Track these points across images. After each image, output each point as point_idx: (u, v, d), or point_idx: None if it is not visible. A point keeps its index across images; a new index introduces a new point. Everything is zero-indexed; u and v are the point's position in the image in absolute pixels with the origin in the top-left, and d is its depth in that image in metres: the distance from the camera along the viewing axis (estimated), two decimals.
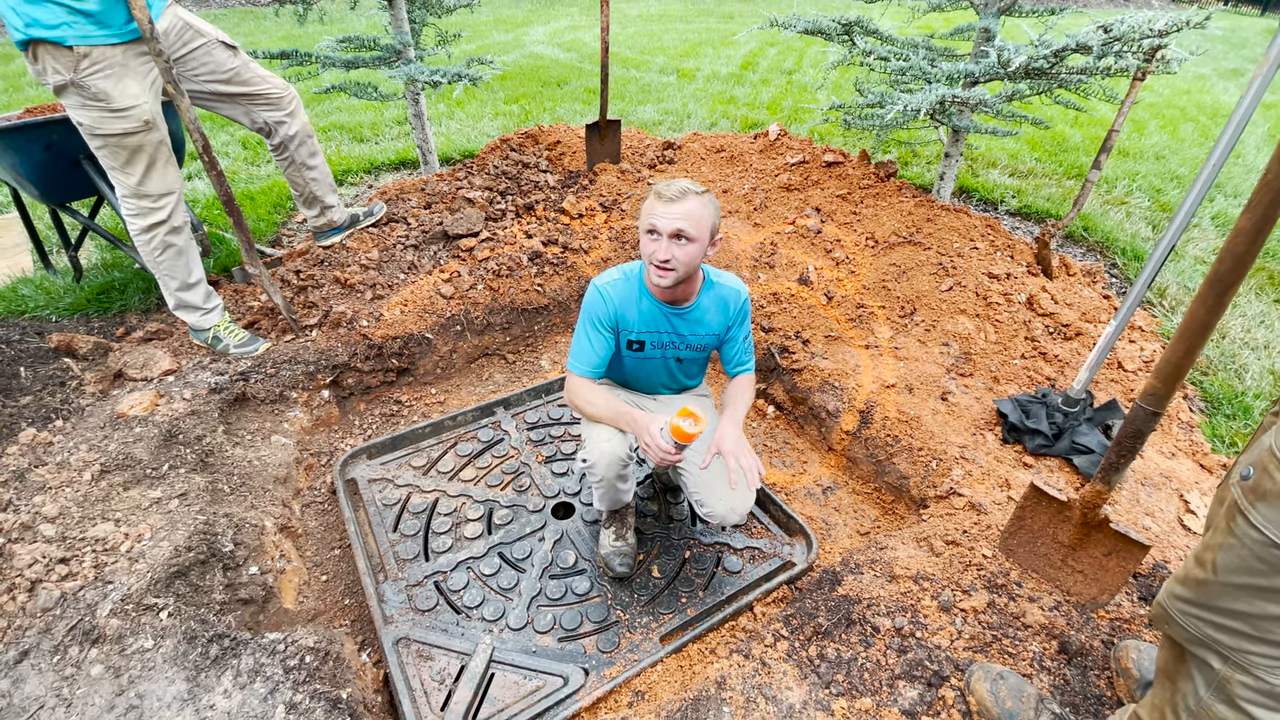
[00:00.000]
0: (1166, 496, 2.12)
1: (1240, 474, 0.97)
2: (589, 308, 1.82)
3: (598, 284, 1.82)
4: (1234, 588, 0.98)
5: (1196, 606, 1.03)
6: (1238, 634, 0.99)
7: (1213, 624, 1.01)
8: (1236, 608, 0.98)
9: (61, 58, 2.07)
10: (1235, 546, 0.96)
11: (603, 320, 1.80)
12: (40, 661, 1.49)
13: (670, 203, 1.61)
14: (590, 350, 1.82)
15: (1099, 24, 2.76)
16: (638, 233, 1.67)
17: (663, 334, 1.86)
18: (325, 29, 8.95)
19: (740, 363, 1.95)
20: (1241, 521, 0.95)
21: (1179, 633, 1.07)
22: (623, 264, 1.91)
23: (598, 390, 1.82)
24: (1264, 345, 2.98)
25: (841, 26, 3.37)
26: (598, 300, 1.79)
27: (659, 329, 1.85)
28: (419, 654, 1.81)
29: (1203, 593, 1.02)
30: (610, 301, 1.79)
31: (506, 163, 4.10)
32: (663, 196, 1.63)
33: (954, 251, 3.12)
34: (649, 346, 1.88)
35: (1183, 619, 1.06)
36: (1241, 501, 0.96)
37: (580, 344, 1.83)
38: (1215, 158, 1.67)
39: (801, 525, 2.19)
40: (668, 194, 1.62)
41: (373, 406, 2.78)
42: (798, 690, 1.55)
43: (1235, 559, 0.97)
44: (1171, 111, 6.52)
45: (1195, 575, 1.03)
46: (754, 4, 13.75)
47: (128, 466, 2.02)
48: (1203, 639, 1.03)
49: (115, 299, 3.03)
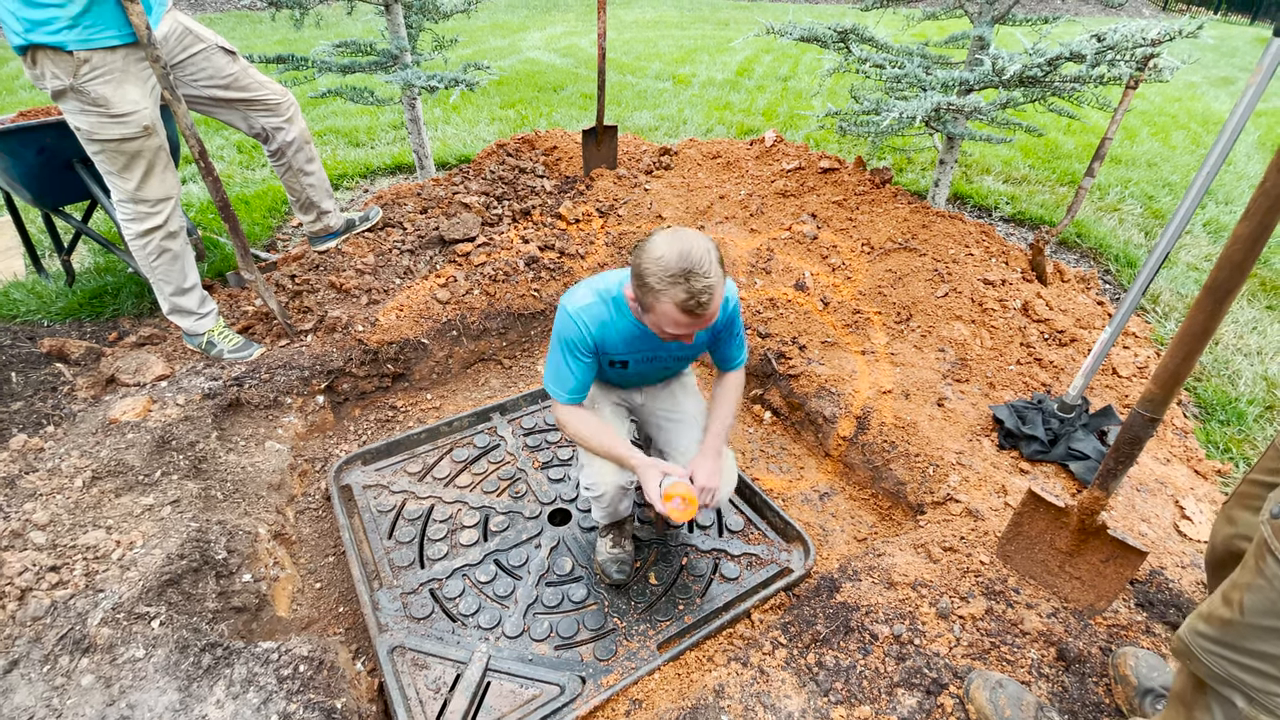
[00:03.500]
0: (1162, 502, 2.12)
1: (1271, 511, 0.94)
2: (563, 335, 1.67)
3: (570, 311, 1.65)
4: (1262, 630, 0.94)
5: (1222, 646, 1.00)
6: (1265, 676, 0.95)
7: (1238, 664, 0.98)
8: (1264, 649, 0.95)
9: (61, 63, 2.05)
10: (1264, 588, 0.93)
11: (581, 349, 1.67)
12: (30, 671, 1.46)
13: (700, 317, 1.43)
14: (571, 377, 1.69)
15: (1092, 33, 2.78)
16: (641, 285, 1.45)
17: (648, 351, 1.75)
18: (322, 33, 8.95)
19: (730, 360, 1.87)
20: (1272, 562, 0.92)
21: (1202, 670, 1.04)
22: (592, 279, 1.72)
23: (590, 421, 1.74)
24: (1257, 351, 3.00)
25: (837, 34, 3.39)
26: (572, 328, 1.65)
27: (643, 348, 1.74)
28: (414, 662, 1.80)
29: (1229, 632, 0.99)
30: (585, 329, 1.65)
31: (503, 168, 4.10)
32: (694, 312, 1.41)
33: (949, 258, 3.14)
34: (634, 364, 1.79)
35: (1206, 657, 1.02)
36: (1272, 541, 0.92)
37: (559, 370, 1.70)
38: (1209, 165, 1.68)
39: (799, 531, 2.18)
40: (700, 310, 1.41)
41: (368, 412, 2.77)
42: (796, 698, 1.54)
43: (1264, 600, 0.93)
44: (1163, 119, 6.58)
45: (1221, 614, 1.00)
46: (750, 11, 13.82)
47: (120, 473, 2.00)
48: (1228, 678, 1.00)
49: (108, 303, 3.01)
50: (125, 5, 2.02)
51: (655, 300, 1.43)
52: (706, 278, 1.39)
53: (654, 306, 1.45)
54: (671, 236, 1.43)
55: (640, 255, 1.44)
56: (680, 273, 1.38)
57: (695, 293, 1.39)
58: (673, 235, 1.43)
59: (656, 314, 1.46)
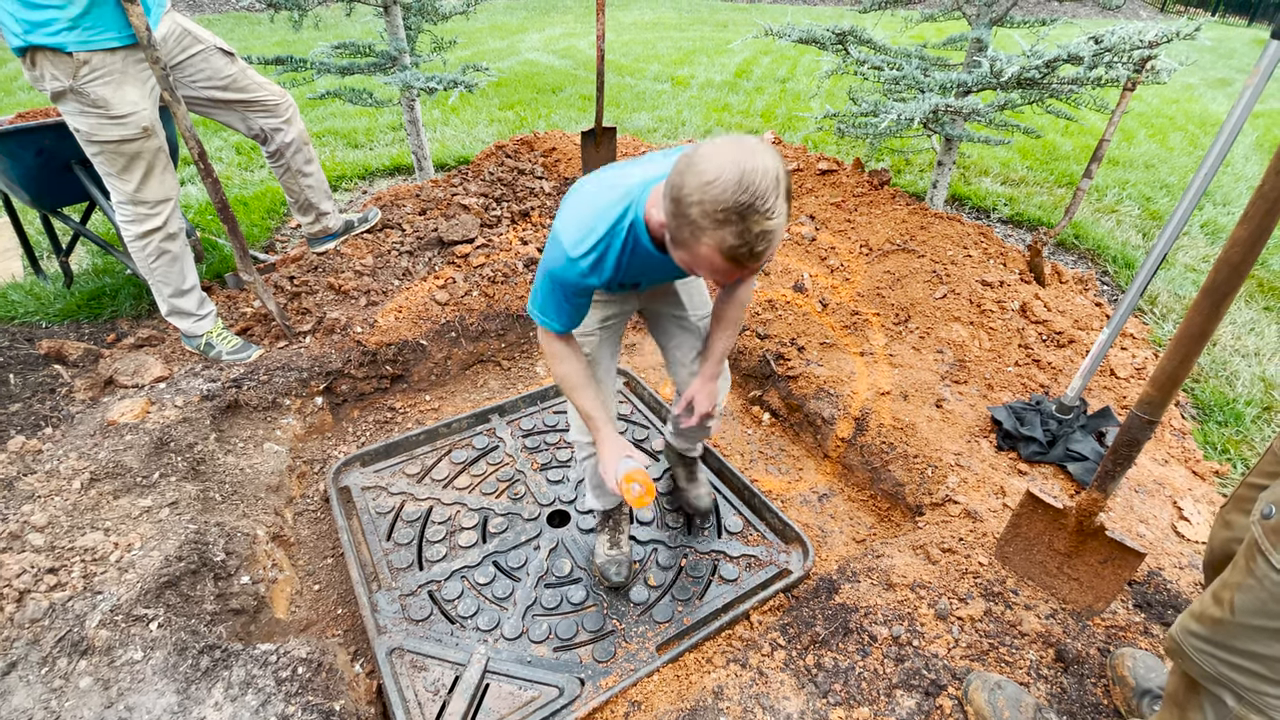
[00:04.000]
0: (1160, 503, 2.13)
1: (1261, 511, 0.94)
2: (554, 272, 1.37)
3: (567, 247, 1.33)
4: (1252, 629, 0.94)
5: (1212, 645, 1.00)
6: (1255, 675, 0.96)
7: (1229, 664, 0.98)
8: (1254, 649, 0.95)
9: (61, 64, 2.05)
10: (1254, 588, 0.93)
11: (576, 292, 1.41)
12: (28, 673, 1.46)
13: (748, 267, 1.13)
14: (561, 312, 1.45)
15: (1090, 35, 2.79)
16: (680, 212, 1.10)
17: (661, 270, 1.49)
18: (321, 35, 8.95)
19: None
20: (1262, 562, 0.92)
21: (1193, 669, 1.04)
22: (605, 175, 1.38)
23: (575, 369, 1.53)
24: (1254, 352, 3.00)
25: (835, 36, 3.39)
26: (573, 276, 1.36)
27: (656, 268, 1.46)
28: (413, 665, 1.80)
29: (1219, 632, 0.99)
30: (588, 277, 1.37)
31: (502, 169, 4.10)
32: (743, 261, 1.10)
33: (947, 259, 3.14)
34: (645, 283, 1.58)
35: (1197, 656, 1.02)
36: (1262, 541, 0.92)
37: (547, 301, 1.44)
38: (1207, 167, 1.68)
39: (798, 533, 2.18)
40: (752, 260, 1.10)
41: (366, 413, 2.77)
42: (795, 700, 1.54)
43: (1254, 600, 0.93)
44: (1160, 121, 6.59)
45: (1212, 613, 1.00)
46: (748, 13, 13.84)
47: (118, 475, 2.00)
48: (1218, 677, 1.00)
49: (106, 305, 3.01)
50: (125, 6, 2.02)
51: (694, 239, 1.09)
52: (769, 218, 1.03)
53: (691, 245, 1.10)
54: (732, 149, 1.03)
55: (684, 174, 1.06)
56: (736, 208, 1.02)
57: (750, 238, 1.04)
58: (734, 147, 1.04)
59: (692, 254, 1.12)
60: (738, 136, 1.07)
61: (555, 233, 1.36)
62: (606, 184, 1.35)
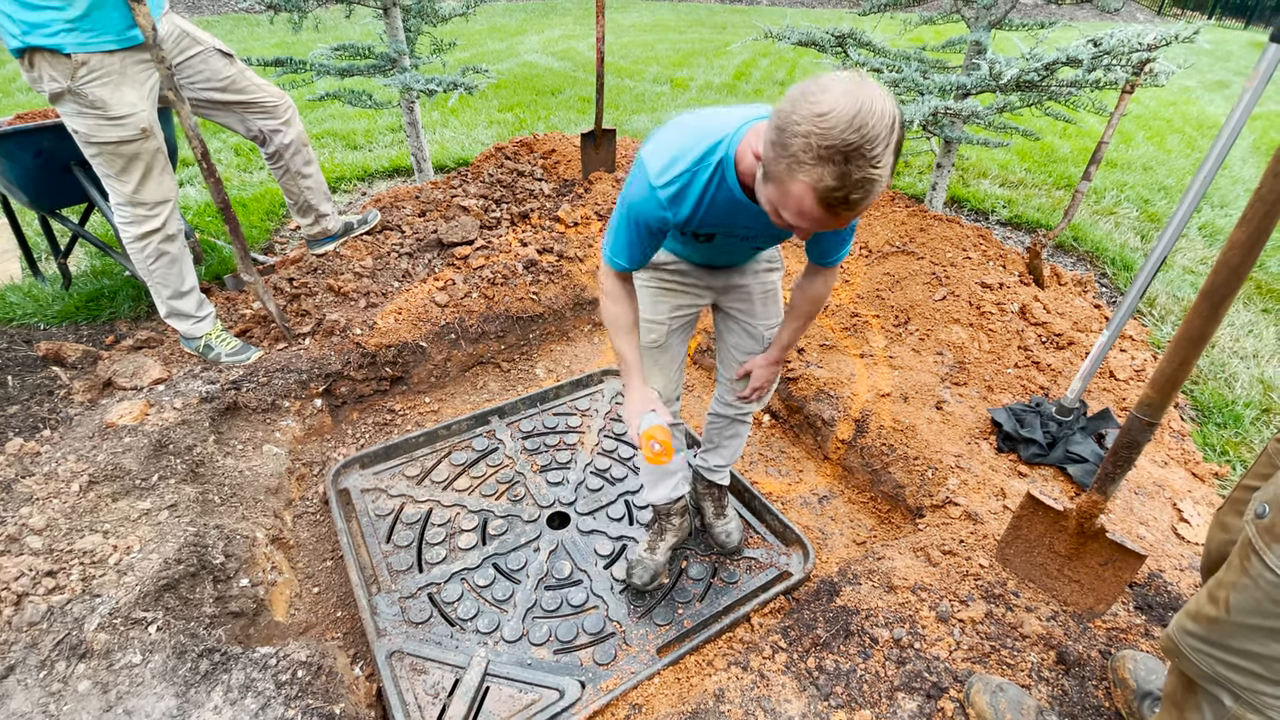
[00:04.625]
0: (1160, 505, 2.13)
1: (1255, 511, 0.94)
2: (633, 203, 1.34)
3: (651, 177, 1.30)
4: (1248, 628, 0.95)
5: (1208, 644, 1.00)
6: (1251, 674, 0.96)
7: (1225, 663, 0.98)
8: (1250, 648, 0.95)
9: (59, 65, 2.05)
10: (1249, 587, 0.93)
11: (655, 227, 1.37)
12: (26, 677, 1.45)
13: (839, 216, 1.06)
14: (631, 249, 1.43)
15: (1088, 38, 2.80)
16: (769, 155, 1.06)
17: (741, 227, 1.41)
18: (320, 36, 8.95)
19: (827, 254, 1.52)
20: (1256, 562, 0.92)
21: (1190, 668, 1.04)
22: (704, 113, 1.33)
23: (626, 313, 1.51)
24: (1252, 354, 3.01)
25: (835, 39, 3.40)
26: (651, 206, 1.32)
27: (738, 223, 1.39)
28: (413, 667, 1.79)
29: (1215, 631, 0.99)
30: (666, 211, 1.32)
31: (501, 171, 4.10)
32: (835, 208, 1.03)
33: (947, 261, 3.15)
34: (721, 238, 1.48)
35: (1194, 655, 1.03)
36: (1257, 541, 0.92)
37: (618, 237, 1.42)
38: (1206, 170, 1.69)
39: (798, 535, 2.18)
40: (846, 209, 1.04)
41: (366, 415, 2.76)
42: (796, 703, 1.54)
43: (1249, 599, 0.94)
44: (1158, 123, 6.61)
45: (1208, 612, 1.00)
46: (747, 15, 13.87)
47: (116, 477, 1.99)
48: (1214, 676, 1.00)
49: (105, 307, 3.00)
50: (133, 6, 2.02)
51: (790, 174, 1.02)
52: (875, 166, 0.98)
53: (784, 181, 1.04)
54: (853, 85, 0.97)
55: (796, 101, 0.99)
56: (842, 146, 0.96)
57: (850, 184, 0.99)
58: (855, 84, 0.97)
59: (783, 191, 1.06)
60: (860, 75, 0.99)
61: (640, 159, 1.32)
62: (704, 115, 1.31)
